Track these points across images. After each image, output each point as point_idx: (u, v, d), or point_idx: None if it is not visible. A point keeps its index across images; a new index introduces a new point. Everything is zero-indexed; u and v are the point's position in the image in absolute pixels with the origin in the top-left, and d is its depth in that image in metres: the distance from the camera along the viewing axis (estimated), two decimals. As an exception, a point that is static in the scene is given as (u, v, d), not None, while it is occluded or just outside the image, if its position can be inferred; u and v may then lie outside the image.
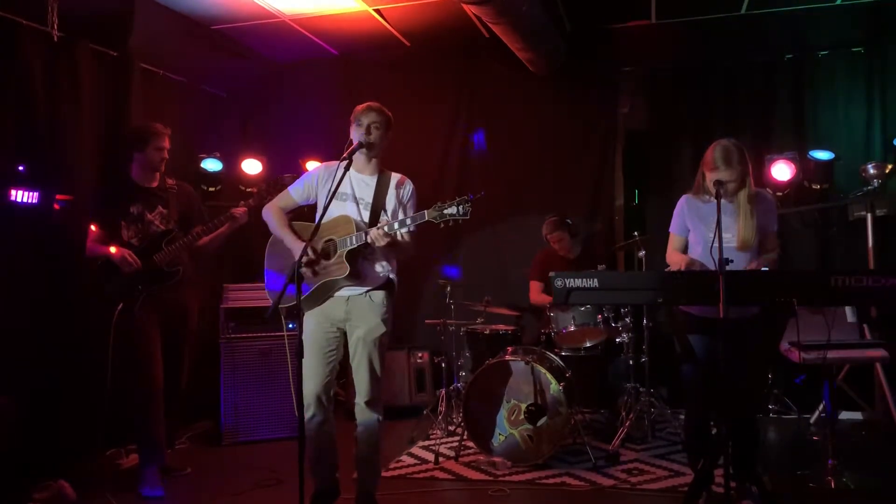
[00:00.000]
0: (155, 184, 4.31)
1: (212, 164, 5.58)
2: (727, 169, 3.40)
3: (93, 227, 4.20)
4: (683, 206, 3.66)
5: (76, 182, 4.59)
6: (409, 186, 3.62)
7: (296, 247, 3.47)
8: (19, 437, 3.60)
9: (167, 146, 4.27)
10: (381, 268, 3.54)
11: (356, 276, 3.44)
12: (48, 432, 4.19)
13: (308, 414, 3.50)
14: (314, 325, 3.53)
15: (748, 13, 5.61)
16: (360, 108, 3.52)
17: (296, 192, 3.63)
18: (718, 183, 3.29)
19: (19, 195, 4.20)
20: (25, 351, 4.20)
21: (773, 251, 3.58)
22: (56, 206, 4.40)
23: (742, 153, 3.45)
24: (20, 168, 4.27)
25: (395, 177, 3.61)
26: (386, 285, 3.57)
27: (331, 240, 3.45)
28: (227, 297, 5.21)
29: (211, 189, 5.58)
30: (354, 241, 3.38)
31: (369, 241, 3.32)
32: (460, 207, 3.20)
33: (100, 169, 4.78)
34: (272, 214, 3.62)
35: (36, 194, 4.29)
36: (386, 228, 3.30)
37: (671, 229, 3.72)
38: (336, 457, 3.63)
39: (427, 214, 3.27)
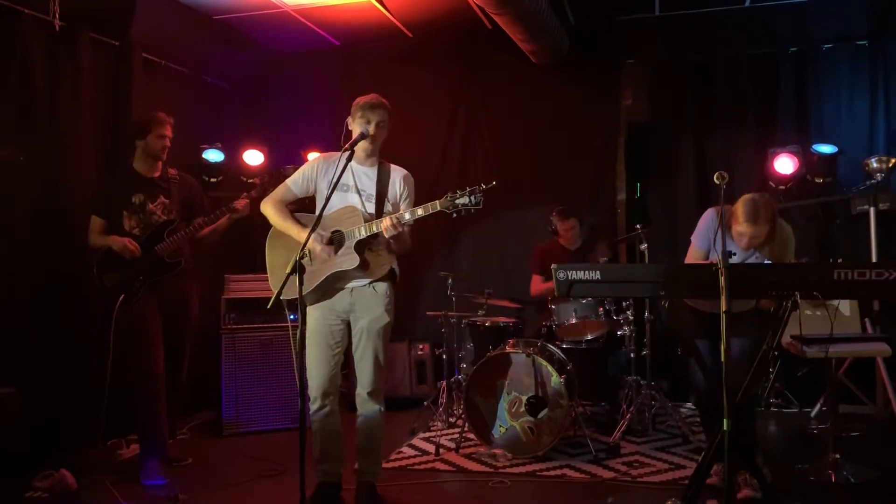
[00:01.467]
0: (157, 174, 4.30)
1: (213, 155, 5.57)
2: (755, 226, 3.41)
3: (94, 217, 4.19)
4: (710, 224, 3.64)
5: (77, 172, 4.59)
6: (409, 179, 3.63)
7: (302, 238, 3.46)
8: (21, 426, 3.60)
9: (169, 134, 4.25)
10: (386, 259, 3.55)
11: (364, 267, 3.45)
12: (50, 422, 4.20)
13: (314, 406, 3.51)
14: (319, 319, 3.53)
15: (752, 6, 5.61)
16: (364, 101, 3.47)
17: (295, 185, 3.62)
18: (721, 177, 3.26)
19: (21, 185, 4.21)
20: (27, 342, 4.20)
21: None
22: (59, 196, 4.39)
23: (771, 209, 3.44)
24: (21, 157, 4.28)
25: (395, 169, 3.62)
26: (389, 276, 3.59)
27: (337, 231, 3.45)
28: (228, 287, 5.21)
29: (212, 180, 5.58)
30: (364, 232, 3.38)
31: (380, 230, 3.33)
32: (472, 197, 3.22)
33: (100, 159, 4.78)
34: (272, 208, 3.61)
35: (38, 184, 4.30)
36: (396, 218, 3.30)
37: (695, 241, 3.71)
38: (342, 449, 3.64)
39: (439, 204, 3.28)
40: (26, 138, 4.31)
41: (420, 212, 3.34)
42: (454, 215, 3.28)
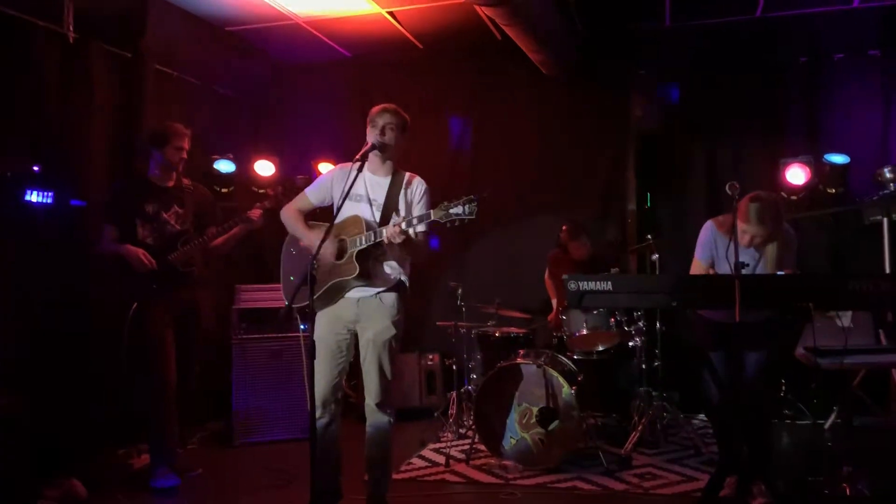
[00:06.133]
0: (171, 183, 4.32)
1: (224, 166, 5.60)
2: (759, 226, 3.41)
3: (107, 226, 4.20)
4: (710, 237, 3.65)
5: (89, 182, 4.62)
6: (419, 185, 3.59)
7: (313, 243, 3.47)
8: (32, 435, 3.61)
9: (187, 146, 4.27)
10: (391, 269, 3.53)
11: (366, 277, 3.43)
12: (60, 431, 4.20)
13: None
14: (324, 327, 3.52)
15: (763, 16, 5.58)
16: (375, 109, 3.51)
17: (312, 195, 3.64)
18: (733, 187, 3.25)
19: (34, 195, 4.23)
20: (39, 350, 4.22)
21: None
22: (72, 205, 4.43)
23: (777, 211, 3.45)
24: (35, 168, 4.31)
25: (409, 177, 3.60)
26: (397, 287, 3.56)
27: (342, 240, 3.45)
28: (239, 297, 5.22)
29: (223, 190, 5.59)
30: (364, 242, 3.37)
31: (384, 239, 3.31)
32: (466, 207, 3.15)
33: (112, 169, 4.81)
34: (289, 215, 3.64)
35: (50, 194, 4.32)
36: (403, 225, 3.28)
37: (697, 255, 3.71)
38: (339, 460, 3.62)
39: (433, 214, 3.24)
40: (40, 148, 4.35)
41: (415, 221, 3.32)
42: (448, 225, 3.21)
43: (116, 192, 4.33)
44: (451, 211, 3.17)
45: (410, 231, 3.36)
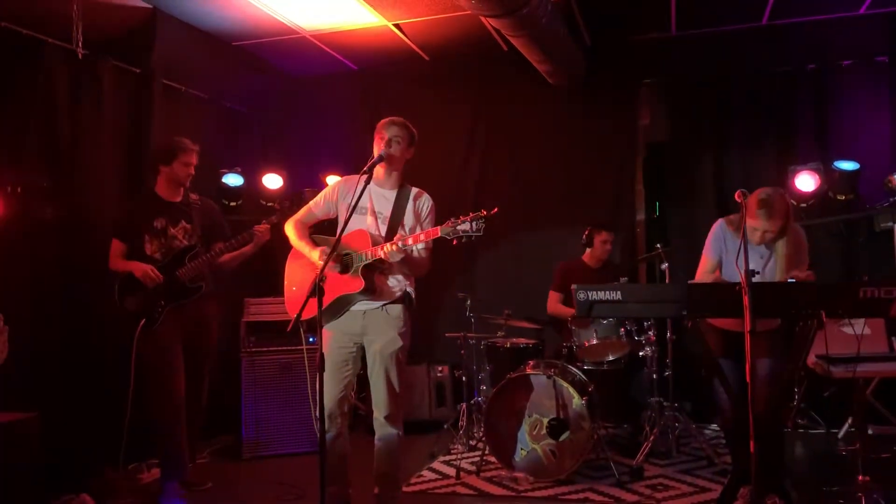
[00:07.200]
0: (179, 198, 4.33)
1: (233, 179, 5.62)
2: (769, 220, 3.41)
3: (116, 242, 4.22)
4: (720, 234, 3.65)
5: (98, 197, 4.64)
6: (427, 201, 3.61)
7: (314, 258, 3.48)
8: (42, 450, 3.61)
9: (194, 162, 4.28)
10: (397, 282, 3.53)
11: (371, 291, 3.43)
12: (71, 446, 4.20)
13: None
14: (330, 341, 3.52)
15: (769, 24, 5.58)
16: (383, 121, 3.53)
17: (316, 207, 3.65)
18: (742, 195, 3.24)
19: (45, 210, 4.26)
20: (48, 365, 4.22)
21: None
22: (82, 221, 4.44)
23: (785, 204, 3.44)
24: (45, 183, 4.33)
25: (415, 192, 3.61)
26: (403, 299, 3.56)
27: (348, 254, 3.45)
28: (248, 310, 5.22)
29: (232, 204, 5.61)
30: (369, 256, 3.37)
31: (382, 255, 3.31)
32: (473, 224, 3.16)
33: (122, 184, 4.83)
34: (292, 228, 3.65)
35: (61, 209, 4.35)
36: (399, 244, 3.29)
37: (706, 253, 3.70)
38: (346, 473, 3.60)
39: (440, 231, 3.25)
40: (50, 163, 4.37)
41: (422, 237, 3.32)
42: (454, 242, 3.22)
43: (125, 208, 4.34)
44: (459, 227, 3.18)
45: (413, 250, 3.36)
